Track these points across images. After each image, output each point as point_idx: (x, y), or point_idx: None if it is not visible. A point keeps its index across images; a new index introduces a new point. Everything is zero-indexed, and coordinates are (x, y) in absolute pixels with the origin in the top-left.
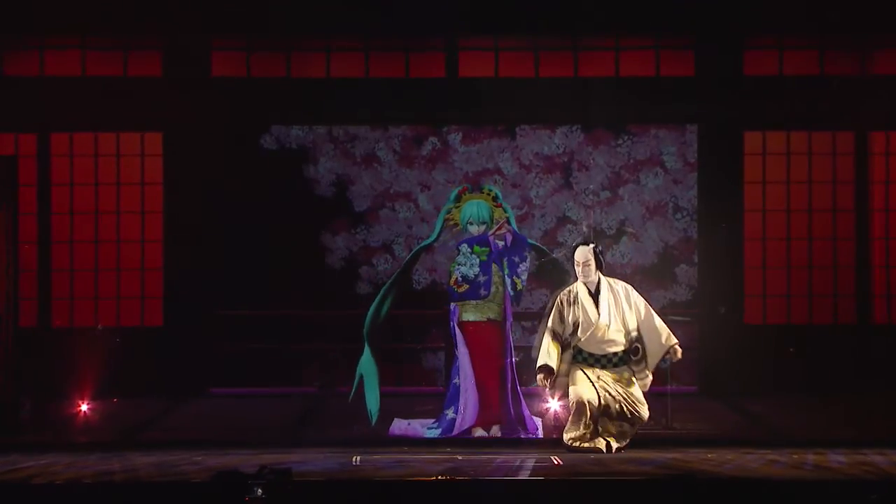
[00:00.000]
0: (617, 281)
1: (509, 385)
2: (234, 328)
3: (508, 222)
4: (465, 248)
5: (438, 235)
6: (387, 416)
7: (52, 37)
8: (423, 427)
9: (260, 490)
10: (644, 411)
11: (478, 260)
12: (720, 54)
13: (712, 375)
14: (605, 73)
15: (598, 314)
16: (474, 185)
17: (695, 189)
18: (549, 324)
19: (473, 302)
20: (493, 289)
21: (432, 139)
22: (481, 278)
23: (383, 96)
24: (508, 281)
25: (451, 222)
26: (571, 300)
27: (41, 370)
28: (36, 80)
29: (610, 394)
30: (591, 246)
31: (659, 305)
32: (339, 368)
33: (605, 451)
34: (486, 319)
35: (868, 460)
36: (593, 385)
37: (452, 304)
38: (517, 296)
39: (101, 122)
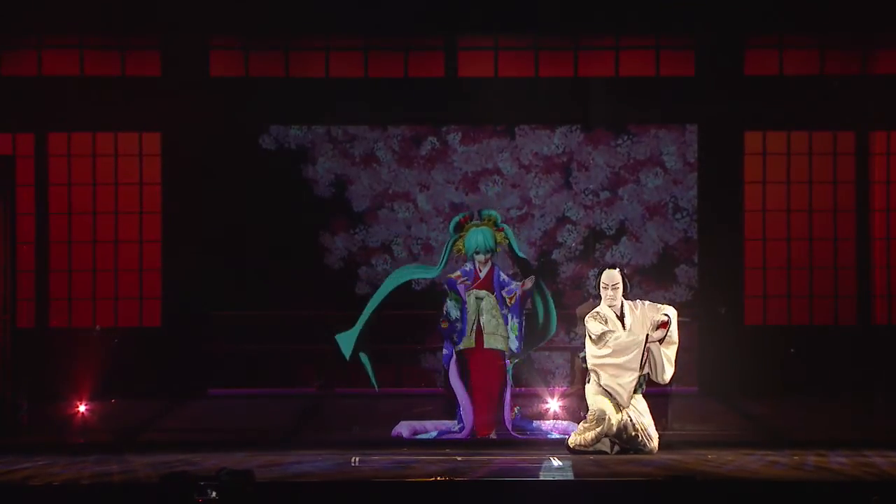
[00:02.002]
0: (636, 302)
1: (506, 390)
2: (232, 329)
3: (510, 246)
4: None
5: (445, 266)
6: (387, 416)
7: (50, 36)
8: (433, 428)
9: (214, 492)
10: (654, 445)
11: (457, 306)
12: (720, 54)
13: (712, 376)
14: (605, 73)
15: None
16: (473, 213)
17: (695, 189)
18: (589, 328)
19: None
20: (465, 341)
21: (431, 139)
22: (457, 325)
23: (382, 96)
24: (515, 342)
25: (458, 251)
26: (602, 320)
27: (39, 371)
28: (34, 80)
29: (631, 420)
30: (618, 270)
31: None
32: (337, 369)
33: (608, 451)
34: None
35: (869, 461)
36: (618, 408)
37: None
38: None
39: (99, 122)
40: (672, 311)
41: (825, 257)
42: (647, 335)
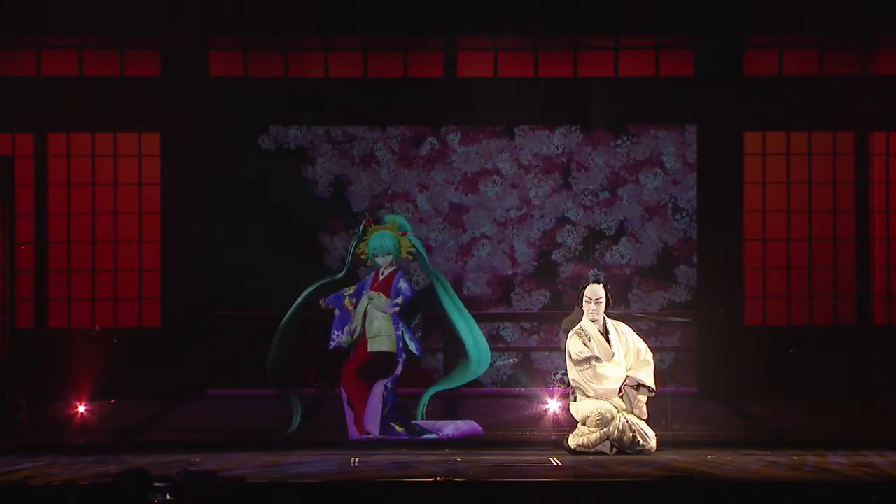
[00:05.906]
0: (619, 322)
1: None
2: (231, 329)
3: (418, 252)
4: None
5: (348, 271)
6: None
7: (49, 36)
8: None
9: (168, 494)
10: (652, 444)
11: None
12: (720, 54)
13: (712, 377)
14: (604, 73)
15: (613, 352)
16: (377, 218)
17: (694, 189)
18: (571, 349)
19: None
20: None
21: (431, 139)
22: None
23: (381, 96)
24: (412, 343)
25: (363, 256)
26: (585, 338)
27: (38, 371)
28: (33, 80)
29: (628, 422)
30: (602, 285)
31: (658, 306)
32: (337, 370)
33: (607, 452)
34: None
35: (868, 462)
36: (616, 409)
37: None
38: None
39: (99, 123)
40: (650, 380)
41: (825, 257)
42: (627, 377)
